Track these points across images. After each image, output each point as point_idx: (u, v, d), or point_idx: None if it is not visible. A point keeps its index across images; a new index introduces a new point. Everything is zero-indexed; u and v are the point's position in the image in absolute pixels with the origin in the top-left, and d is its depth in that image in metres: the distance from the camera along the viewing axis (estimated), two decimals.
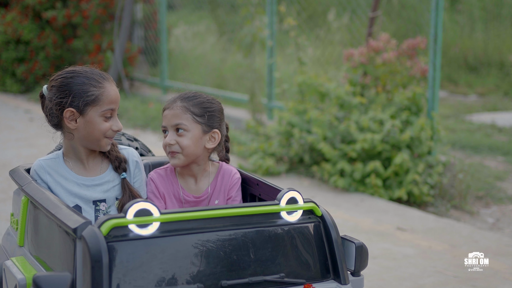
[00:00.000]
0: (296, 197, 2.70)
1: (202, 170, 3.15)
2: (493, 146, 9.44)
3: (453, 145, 9.48)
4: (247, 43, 9.69)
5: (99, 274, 2.31)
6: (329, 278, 2.71)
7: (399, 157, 6.80)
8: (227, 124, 3.23)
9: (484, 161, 8.79)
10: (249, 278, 2.53)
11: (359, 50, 7.59)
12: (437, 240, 5.64)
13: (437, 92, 7.39)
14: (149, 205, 2.43)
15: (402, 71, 7.48)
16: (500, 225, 6.47)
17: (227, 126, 3.23)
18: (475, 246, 5.50)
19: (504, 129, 10.62)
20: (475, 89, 14.87)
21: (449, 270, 4.99)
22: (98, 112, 2.93)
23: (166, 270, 2.43)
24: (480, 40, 16.32)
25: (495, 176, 8.03)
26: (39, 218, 2.88)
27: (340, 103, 7.45)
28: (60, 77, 2.96)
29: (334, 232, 2.74)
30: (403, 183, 6.85)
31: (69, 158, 3.03)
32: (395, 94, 7.42)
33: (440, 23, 7.21)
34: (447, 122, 11.12)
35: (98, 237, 2.35)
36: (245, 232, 2.59)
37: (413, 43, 7.41)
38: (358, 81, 7.58)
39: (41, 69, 13.01)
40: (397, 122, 7.00)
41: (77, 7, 12.64)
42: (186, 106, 3.05)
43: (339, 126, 7.22)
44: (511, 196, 7.35)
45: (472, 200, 7.14)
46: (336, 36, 11.40)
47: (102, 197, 3.03)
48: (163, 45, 12.26)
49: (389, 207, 6.54)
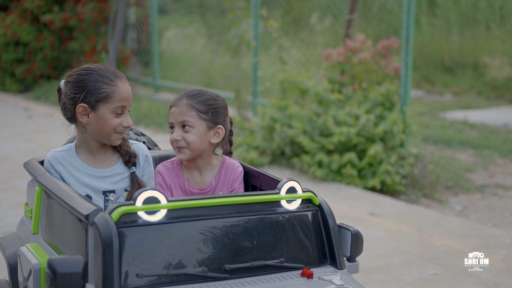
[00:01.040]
0: (295, 187, 2.69)
1: (207, 163, 3.15)
2: (464, 140, 9.58)
3: (427, 139, 9.62)
4: (234, 45, 9.79)
5: (110, 258, 2.30)
6: (326, 263, 2.71)
7: (373, 149, 6.93)
8: (231, 119, 3.22)
9: (455, 154, 8.93)
10: (251, 263, 2.53)
11: (337, 50, 7.70)
12: (406, 224, 5.80)
13: (409, 89, 7.50)
14: (157, 193, 2.43)
15: (377, 70, 7.60)
16: (467, 212, 6.62)
17: (231, 121, 3.22)
18: (441, 230, 5.69)
19: (475, 125, 10.75)
20: (451, 88, 14.93)
21: (415, 250, 5.16)
22: (109, 109, 2.91)
23: (173, 254, 2.43)
24: (456, 42, 16.33)
25: (465, 168, 8.19)
26: (52, 207, 2.88)
27: (318, 99, 7.57)
28: (76, 73, 2.96)
29: (331, 220, 2.73)
30: (377, 173, 6.98)
31: (81, 150, 3.04)
32: (371, 91, 7.54)
33: (411, 25, 7.33)
34: (423, 119, 11.24)
35: (109, 223, 2.34)
36: (247, 219, 2.58)
37: (387, 43, 7.54)
38: (336, 79, 7.70)
39: (39, 70, 13.11)
40: (371, 116, 7.12)
41: (73, 11, 12.73)
42: (191, 103, 3.03)
43: (318, 120, 7.34)
44: (479, 186, 7.49)
45: (442, 189, 7.29)
46: (318, 38, 11.50)
47: (112, 188, 3.03)
48: (154, 47, 12.32)
49: (363, 195, 6.69)
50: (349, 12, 8.22)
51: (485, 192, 7.32)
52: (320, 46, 10.60)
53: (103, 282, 2.29)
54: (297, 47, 11.60)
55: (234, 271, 2.49)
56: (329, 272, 2.62)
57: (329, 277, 2.56)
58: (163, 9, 16.15)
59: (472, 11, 17.01)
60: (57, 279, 2.24)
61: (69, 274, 2.25)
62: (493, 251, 5.17)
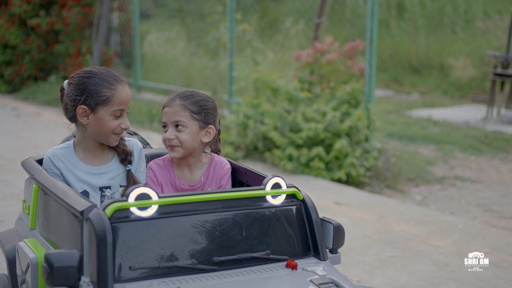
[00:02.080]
0: (280, 183, 2.71)
1: (197, 161, 3.15)
2: (427, 136, 9.79)
3: (392, 135, 9.81)
4: (212, 47, 9.94)
5: (104, 252, 2.32)
6: (309, 255, 2.71)
7: (339, 144, 7.09)
8: (219, 119, 3.22)
9: (418, 149, 9.13)
10: (238, 255, 2.54)
11: (306, 51, 7.88)
12: (368, 212, 6.00)
13: (373, 87, 7.66)
14: (149, 190, 2.44)
15: (343, 70, 7.77)
16: (427, 201, 6.81)
17: (219, 120, 3.22)
18: (400, 217, 5.89)
19: (438, 122, 10.96)
20: (418, 88, 15.12)
21: (375, 235, 5.36)
22: (108, 112, 2.91)
23: (164, 248, 2.44)
24: (423, 45, 16.54)
25: (426, 161, 8.39)
26: (49, 203, 2.88)
27: (289, 98, 7.73)
28: (78, 75, 2.95)
29: (314, 214, 2.73)
30: (343, 166, 7.13)
31: (79, 148, 3.04)
32: (337, 89, 7.68)
33: (375, 28, 7.49)
34: (389, 117, 11.41)
35: (103, 218, 2.35)
36: (234, 214, 2.58)
37: (353, 45, 7.72)
38: (305, 78, 7.86)
39: (27, 71, 13.12)
40: (337, 113, 7.27)
41: (59, 15, 12.75)
42: (184, 104, 3.03)
43: (288, 117, 7.49)
44: (439, 178, 7.69)
45: (404, 181, 7.48)
46: (292, 41, 11.64)
47: (108, 184, 3.03)
48: (136, 49, 12.39)
49: (330, 186, 6.86)
50: (317, 16, 8.38)
51: (444, 184, 7.51)
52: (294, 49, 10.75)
53: (98, 274, 2.31)
54: (272, 49, 11.75)
55: (222, 263, 2.51)
56: (313, 263, 2.64)
57: (312, 268, 2.59)
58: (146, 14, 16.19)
59: (438, 15, 17.18)
60: (53, 272, 2.25)
61: (65, 268, 2.26)
62: (446, 236, 5.39)
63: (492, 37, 15.33)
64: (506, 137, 9.89)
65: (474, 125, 10.78)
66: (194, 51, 13.69)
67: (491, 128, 10.52)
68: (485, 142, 9.61)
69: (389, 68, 16.39)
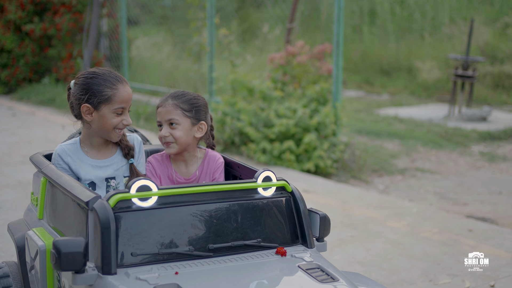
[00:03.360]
0: (270, 176, 2.73)
1: (192, 156, 3.17)
2: (392, 132, 10.05)
3: (361, 131, 10.07)
4: (195, 51, 10.12)
5: (108, 239, 2.36)
6: (298, 243, 2.74)
7: (308, 138, 7.30)
8: (211, 116, 3.24)
9: (384, 143, 9.40)
10: (231, 243, 2.58)
11: (279, 54, 8.10)
12: (333, 199, 6.23)
13: (340, 86, 7.84)
14: (149, 182, 2.48)
15: (313, 71, 8.00)
16: (388, 190, 7.06)
17: (211, 117, 3.25)
18: (361, 202, 6.14)
19: (404, 119, 11.24)
20: (388, 89, 15.39)
21: (338, 218, 5.59)
22: (110, 109, 2.94)
23: (163, 236, 2.47)
24: (393, 49, 16.82)
25: (390, 154, 8.67)
26: (56, 195, 2.92)
27: (263, 96, 7.93)
28: (83, 76, 3.00)
29: (302, 205, 2.76)
30: (312, 158, 7.34)
31: (85, 144, 3.07)
32: (308, 88, 7.89)
33: (341, 33, 7.68)
34: (359, 115, 11.66)
35: (107, 208, 2.39)
36: (228, 205, 2.62)
37: (322, 48, 7.96)
38: (279, 79, 8.07)
39: (22, 74, 13.20)
40: (307, 110, 7.48)
41: (51, 21, 12.82)
42: (176, 103, 3.07)
43: (262, 114, 7.69)
44: (401, 169, 7.96)
45: (369, 172, 7.73)
46: (270, 45, 11.83)
47: (112, 175, 3.07)
48: (124, 53, 12.43)
49: (300, 176, 7.08)
50: (289, 22, 8.59)
51: (406, 175, 7.76)
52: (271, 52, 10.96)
53: (102, 260, 2.36)
54: (251, 53, 11.96)
55: (217, 250, 2.55)
56: (301, 251, 2.68)
57: (300, 254, 2.63)
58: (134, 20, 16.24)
59: (407, 21, 17.42)
60: (61, 258, 2.27)
61: (72, 254, 2.28)
62: (401, 218, 5.66)
63: (457, 41, 15.60)
64: (465, 133, 10.18)
65: (437, 122, 11.06)
66: (179, 55, 13.80)
67: (452, 124, 10.81)
68: (445, 137, 9.90)
69: (361, 71, 16.64)
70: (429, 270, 4.48)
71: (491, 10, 16.68)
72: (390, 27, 17.42)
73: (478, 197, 6.87)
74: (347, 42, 17.44)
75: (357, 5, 18.32)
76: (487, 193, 7.06)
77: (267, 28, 11.57)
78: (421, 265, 4.56)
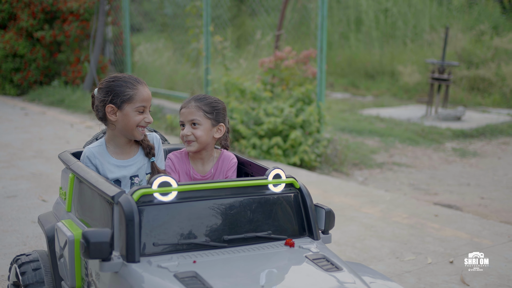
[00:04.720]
0: (280, 174, 2.75)
1: (209, 155, 3.20)
2: (373, 130, 10.26)
3: (344, 129, 10.26)
4: (193, 56, 10.27)
5: (132, 230, 2.39)
6: (305, 235, 2.76)
7: (294, 134, 7.47)
8: (228, 119, 3.26)
9: (365, 140, 9.60)
10: (244, 234, 2.60)
11: (269, 58, 8.32)
12: (315, 188, 6.43)
13: (323, 88, 8.02)
14: (169, 178, 2.51)
15: (299, 74, 8.21)
16: (367, 182, 7.27)
17: (228, 120, 3.26)
18: (340, 192, 6.34)
19: (384, 119, 11.44)
20: (372, 91, 15.56)
21: None
22: (132, 108, 2.98)
23: (182, 228, 2.50)
24: (377, 54, 17.01)
25: (370, 150, 8.88)
26: (83, 190, 2.94)
27: (253, 97, 8.10)
28: (105, 81, 3.05)
29: (309, 200, 2.78)
30: (297, 152, 7.52)
31: (110, 145, 3.11)
32: (294, 90, 8.10)
33: (324, 39, 7.88)
34: (343, 115, 11.84)
35: (131, 202, 2.42)
36: (241, 200, 2.64)
37: (307, 53, 8.18)
38: (268, 81, 8.29)
39: (33, 77, 13.26)
40: (293, 109, 7.66)
41: (60, 29, 12.91)
42: (199, 105, 3.10)
43: (252, 113, 7.86)
44: (379, 163, 8.18)
45: (349, 165, 7.94)
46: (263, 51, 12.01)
47: (136, 173, 3.11)
48: (127, 58, 12.52)
49: (286, 169, 7.21)
50: (277, 29, 8.80)
51: (383, 168, 7.98)
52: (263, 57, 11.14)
53: (126, 249, 2.39)
54: (245, 58, 12.13)
55: (231, 241, 2.58)
56: (307, 242, 2.71)
57: (307, 246, 2.67)
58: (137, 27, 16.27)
59: (391, 29, 17.61)
60: (90, 247, 2.32)
61: (99, 243, 2.32)
62: (375, 205, 5.89)
63: (437, 47, 15.75)
64: (440, 131, 10.41)
65: (415, 121, 11.26)
66: (178, 60, 13.88)
67: (428, 123, 11.03)
68: (422, 135, 10.12)
69: (348, 74, 16.84)
70: (397, 249, 4.72)
71: (469, 18, 16.91)
72: (375, 34, 17.61)
73: (448, 188, 7.10)
74: (334, 48, 17.66)
75: (344, 14, 18.52)
76: (457, 184, 7.29)
77: (259, 35, 11.74)
78: (390, 245, 4.80)
